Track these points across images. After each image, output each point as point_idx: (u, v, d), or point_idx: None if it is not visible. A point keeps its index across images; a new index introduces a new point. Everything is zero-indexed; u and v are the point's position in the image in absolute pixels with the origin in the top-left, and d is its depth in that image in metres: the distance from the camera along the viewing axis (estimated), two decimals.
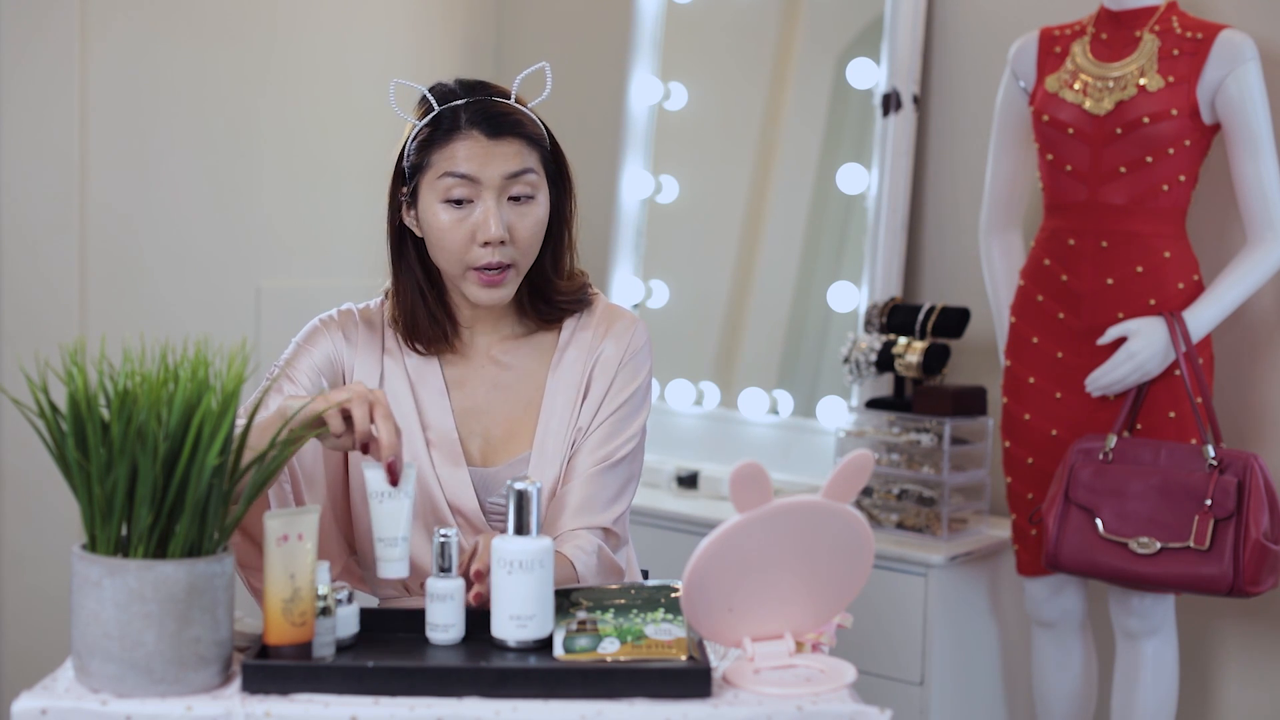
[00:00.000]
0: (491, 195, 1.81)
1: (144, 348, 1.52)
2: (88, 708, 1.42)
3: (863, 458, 1.48)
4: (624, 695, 1.46)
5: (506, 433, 1.91)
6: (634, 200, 3.55)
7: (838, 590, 1.56)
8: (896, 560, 2.76)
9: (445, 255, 1.84)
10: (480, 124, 1.82)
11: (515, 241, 1.83)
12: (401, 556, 1.65)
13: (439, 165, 1.82)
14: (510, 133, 1.82)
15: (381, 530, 1.65)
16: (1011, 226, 2.87)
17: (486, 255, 1.81)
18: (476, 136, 1.81)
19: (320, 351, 1.91)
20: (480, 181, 1.81)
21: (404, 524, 1.65)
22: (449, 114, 1.83)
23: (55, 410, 1.45)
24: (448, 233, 1.82)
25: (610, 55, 3.66)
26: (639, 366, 1.93)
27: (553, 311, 1.93)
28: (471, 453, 1.90)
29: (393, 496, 1.65)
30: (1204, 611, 2.84)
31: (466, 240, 1.82)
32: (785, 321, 3.36)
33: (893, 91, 3.12)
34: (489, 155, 1.81)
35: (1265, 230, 2.56)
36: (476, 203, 1.81)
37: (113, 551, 1.45)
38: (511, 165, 1.82)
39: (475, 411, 1.91)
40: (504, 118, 1.83)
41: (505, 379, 1.92)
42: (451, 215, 1.82)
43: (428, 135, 1.84)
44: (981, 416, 2.89)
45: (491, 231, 1.80)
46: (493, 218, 1.80)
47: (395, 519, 1.65)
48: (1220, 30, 2.56)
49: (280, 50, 3.42)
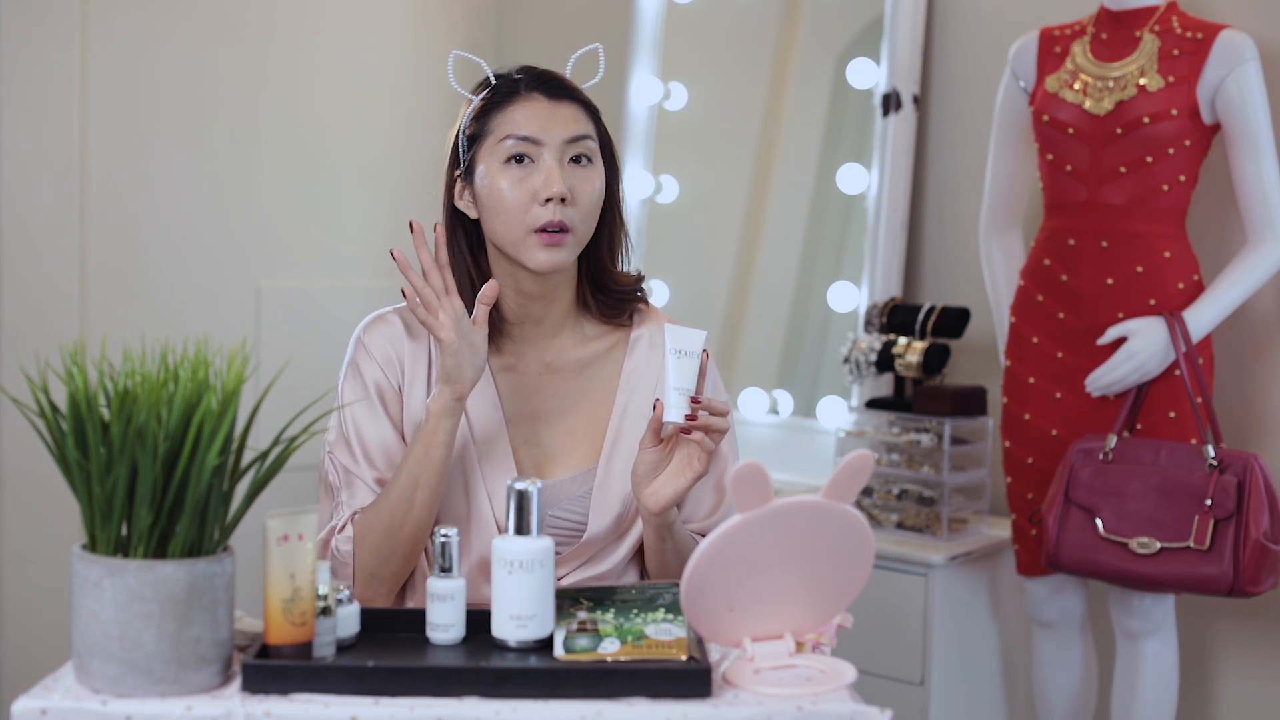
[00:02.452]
0: (553, 155, 1.79)
1: (144, 347, 1.52)
2: (88, 708, 1.42)
3: (863, 458, 1.48)
4: (624, 695, 1.46)
5: (567, 444, 1.87)
6: (634, 200, 3.55)
7: (838, 590, 1.56)
8: (896, 560, 2.76)
9: (505, 219, 1.80)
10: (540, 87, 1.82)
11: (576, 203, 1.79)
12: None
13: (500, 129, 1.81)
14: (569, 97, 1.83)
15: (677, 381, 1.70)
16: (1011, 226, 2.87)
17: (548, 214, 1.77)
18: (537, 98, 1.81)
19: (369, 372, 1.86)
20: (542, 142, 1.79)
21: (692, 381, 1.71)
22: (506, 82, 1.84)
23: (55, 410, 1.45)
24: (509, 192, 1.79)
25: (610, 55, 3.65)
26: (715, 377, 1.90)
27: (612, 303, 1.89)
28: (525, 463, 1.86)
29: (690, 356, 1.70)
30: (1204, 611, 2.84)
31: (528, 199, 1.78)
32: (785, 321, 3.36)
33: (893, 91, 3.12)
34: (551, 117, 1.80)
35: (1265, 230, 2.56)
36: (538, 162, 1.79)
37: (113, 551, 1.45)
38: (571, 129, 1.81)
39: (531, 420, 1.87)
40: (563, 83, 1.84)
41: (565, 390, 1.88)
42: (513, 176, 1.79)
43: (485, 105, 1.83)
44: (981, 416, 2.89)
45: (554, 188, 1.77)
46: (555, 176, 1.77)
47: (689, 374, 1.70)
48: (1220, 30, 2.56)
49: (280, 50, 3.42)
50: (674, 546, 1.82)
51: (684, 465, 1.73)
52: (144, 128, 3.21)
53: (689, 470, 1.73)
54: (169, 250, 3.25)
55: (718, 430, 1.71)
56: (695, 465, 1.72)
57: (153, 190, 3.22)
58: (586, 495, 1.85)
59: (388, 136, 3.64)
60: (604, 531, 1.85)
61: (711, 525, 1.89)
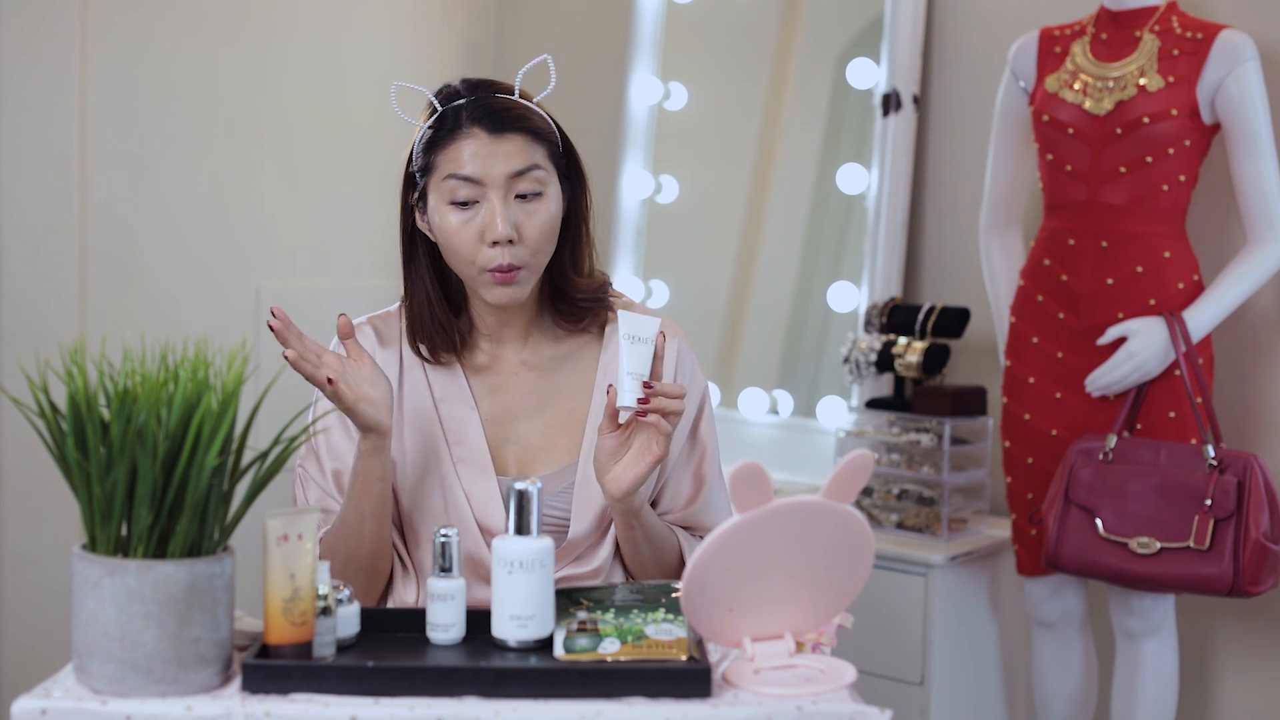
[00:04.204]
0: (497, 194, 1.78)
1: (144, 348, 1.52)
2: (88, 708, 1.42)
3: (863, 458, 1.48)
4: (624, 695, 1.46)
5: (546, 441, 1.87)
6: (634, 200, 3.55)
7: (838, 590, 1.56)
8: (896, 560, 2.76)
9: (456, 258, 1.81)
10: (482, 120, 1.79)
11: (524, 240, 1.78)
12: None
13: (443, 167, 1.80)
14: (512, 128, 1.80)
15: (630, 366, 1.70)
16: (1011, 226, 2.87)
17: (496, 256, 1.77)
18: (478, 134, 1.79)
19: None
20: (484, 182, 1.78)
21: (646, 367, 1.70)
22: (451, 114, 1.81)
23: (55, 410, 1.45)
24: (456, 234, 1.79)
25: (610, 55, 3.66)
26: (686, 359, 1.91)
27: (574, 311, 1.89)
28: (506, 461, 1.86)
29: (644, 342, 1.70)
30: (1204, 611, 2.84)
31: (475, 241, 1.78)
32: (785, 321, 3.36)
33: (893, 91, 3.12)
34: (492, 154, 1.78)
35: (1265, 230, 2.56)
36: (482, 203, 1.78)
37: (113, 551, 1.45)
38: (515, 163, 1.79)
39: (509, 419, 1.87)
40: (506, 113, 1.80)
41: (542, 386, 1.88)
42: (459, 217, 1.79)
43: (431, 137, 1.82)
44: (981, 416, 2.89)
45: (499, 231, 1.76)
46: (499, 217, 1.76)
47: (643, 361, 1.70)
48: (1220, 30, 2.56)
49: (280, 51, 3.42)
50: (644, 534, 1.82)
51: (643, 450, 1.73)
52: (143, 128, 3.21)
53: (648, 455, 1.73)
54: (169, 250, 3.25)
55: (672, 412, 1.71)
56: (654, 449, 1.72)
57: (152, 190, 3.22)
58: (568, 491, 1.85)
59: (388, 136, 3.63)
60: (588, 527, 1.85)
61: (691, 515, 1.89)
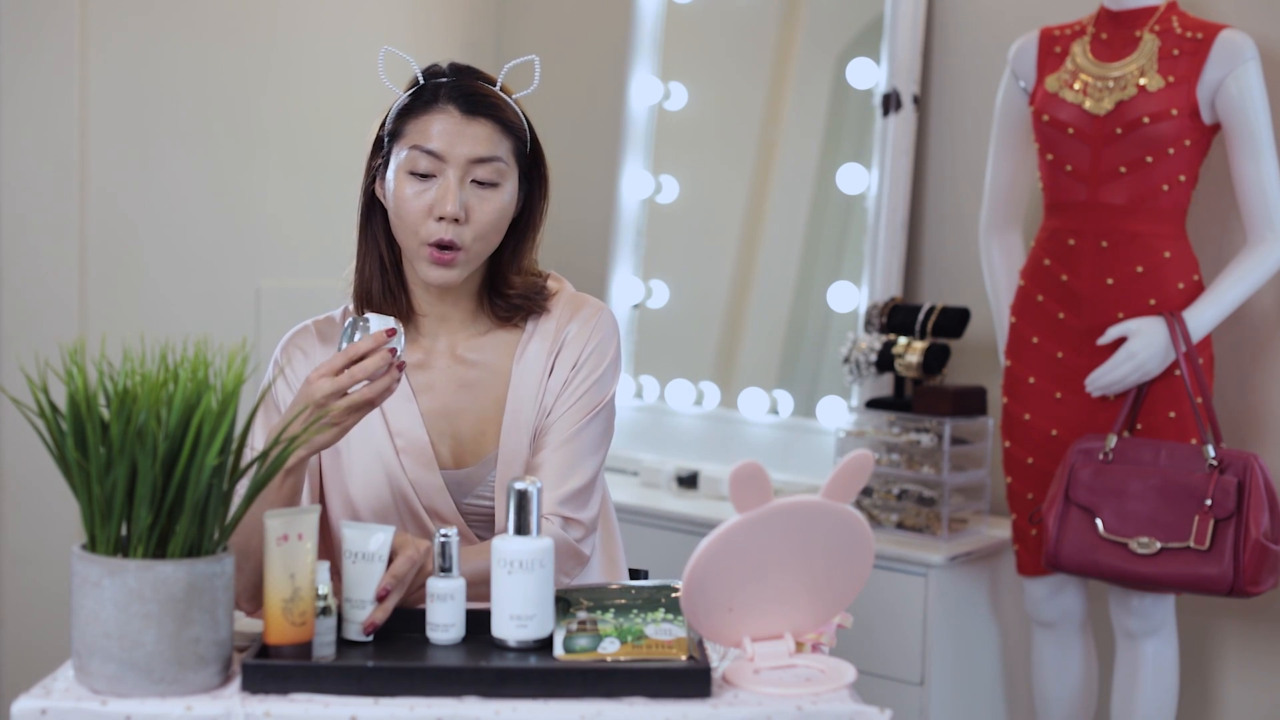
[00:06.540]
0: (455, 174, 1.81)
1: (144, 347, 1.52)
2: (88, 708, 1.42)
3: (863, 458, 1.48)
4: (624, 695, 1.46)
5: (476, 432, 1.90)
6: (634, 200, 3.55)
7: (838, 590, 1.56)
8: (896, 560, 2.76)
9: (402, 225, 1.83)
10: (457, 100, 1.83)
11: (471, 224, 1.82)
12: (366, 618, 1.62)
13: (411, 136, 1.83)
14: (485, 114, 1.83)
15: (351, 591, 1.62)
16: (1011, 226, 2.87)
17: (440, 231, 1.80)
18: (451, 112, 1.82)
19: (282, 388, 1.90)
20: (445, 159, 1.81)
21: (373, 589, 1.62)
22: (431, 88, 1.85)
23: (55, 410, 1.45)
24: (407, 203, 1.82)
25: (610, 55, 3.66)
26: (605, 349, 1.91)
27: (505, 307, 1.91)
28: (443, 455, 1.89)
29: (368, 560, 1.61)
30: (1204, 611, 2.84)
31: (424, 213, 1.81)
32: (785, 321, 3.36)
33: (893, 91, 3.12)
34: (459, 134, 1.82)
35: (1265, 230, 2.56)
36: (439, 178, 1.82)
37: (112, 551, 1.45)
38: (479, 149, 1.82)
39: (444, 413, 1.90)
40: (482, 99, 1.84)
41: (471, 377, 1.90)
42: (414, 187, 1.82)
43: (407, 105, 1.86)
44: (981, 416, 2.89)
45: (448, 208, 1.79)
46: (451, 194, 1.80)
47: (368, 583, 1.62)
48: (1220, 30, 2.56)
49: (281, 51, 3.43)
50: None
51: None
52: (144, 128, 3.21)
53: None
54: (169, 250, 3.25)
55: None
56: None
57: (152, 190, 3.22)
58: (494, 479, 1.88)
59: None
60: None
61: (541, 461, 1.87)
